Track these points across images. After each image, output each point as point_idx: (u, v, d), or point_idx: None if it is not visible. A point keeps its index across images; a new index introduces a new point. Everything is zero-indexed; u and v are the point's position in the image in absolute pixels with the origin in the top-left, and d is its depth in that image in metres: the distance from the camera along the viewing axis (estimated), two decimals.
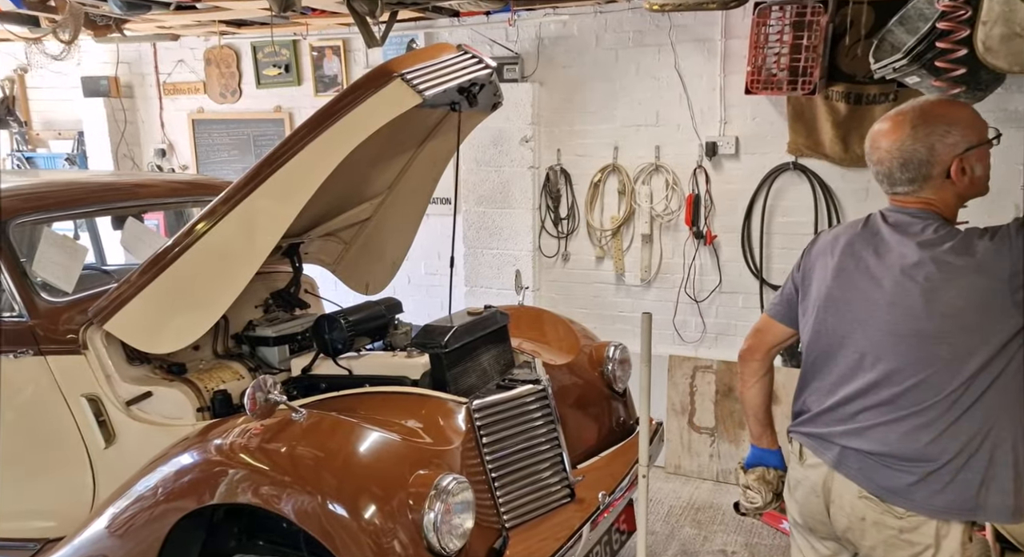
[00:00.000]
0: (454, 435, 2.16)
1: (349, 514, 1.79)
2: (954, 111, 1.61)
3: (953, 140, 1.58)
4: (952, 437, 1.54)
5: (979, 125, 1.61)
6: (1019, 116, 3.46)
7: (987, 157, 1.62)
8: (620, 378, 3.03)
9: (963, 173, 1.59)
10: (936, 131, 1.58)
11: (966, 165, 1.59)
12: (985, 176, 1.63)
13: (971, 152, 1.58)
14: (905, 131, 1.60)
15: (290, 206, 2.28)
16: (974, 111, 1.62)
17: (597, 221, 4.40)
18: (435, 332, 2.52)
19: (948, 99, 1.68)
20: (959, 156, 1.58)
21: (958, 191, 1.62)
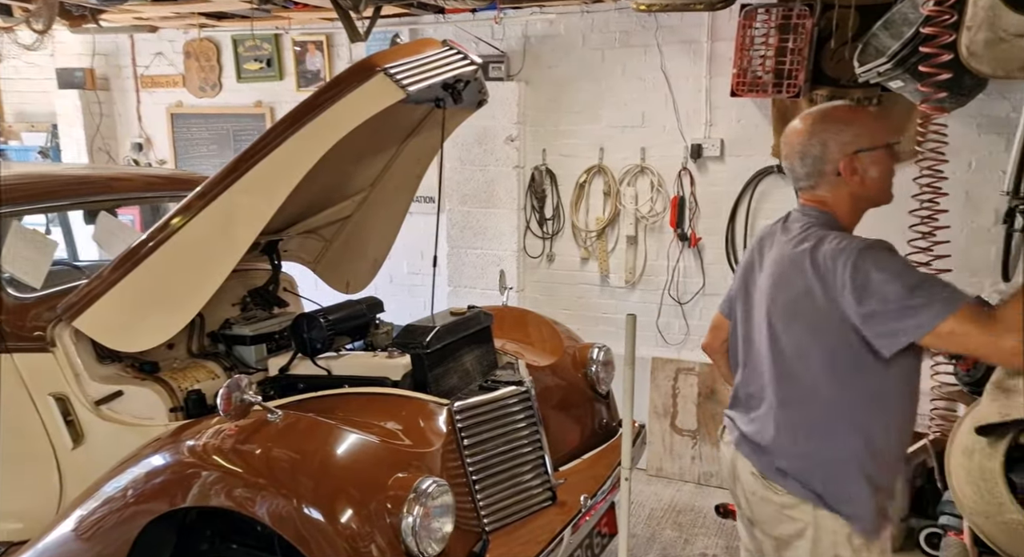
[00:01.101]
0: (435, 437, 2.12)
1: (325, 518, 1.74)
2: (853, 114, 1.69)
3: (845, 139, 1.64)
4: (807, 434, 1.66)
5: (876, 130, 1.66)
6: (1000, 122, 3.49)
7: (884, 163, 1.66)
8: (603, 380, 3.00)
9: (854, 173, 1.65)
10: (831, 129, 1.65)
11: (857, 165, 1.64)
12: (881, 181, 1.67)
13: (864, 154, 1.63)
14: (807, 129, 1.68)
15: (269, 202, 2.22)
16: (876, 117, 1.69)
17: (582, 222, 4.38)
18: (417, 332, 2.47)
19: (854, 105, 1.75)
20: (850, 155, 1.63)
21: (852, 191, 1.67)
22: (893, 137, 1.68)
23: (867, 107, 1.76)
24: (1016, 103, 3.35)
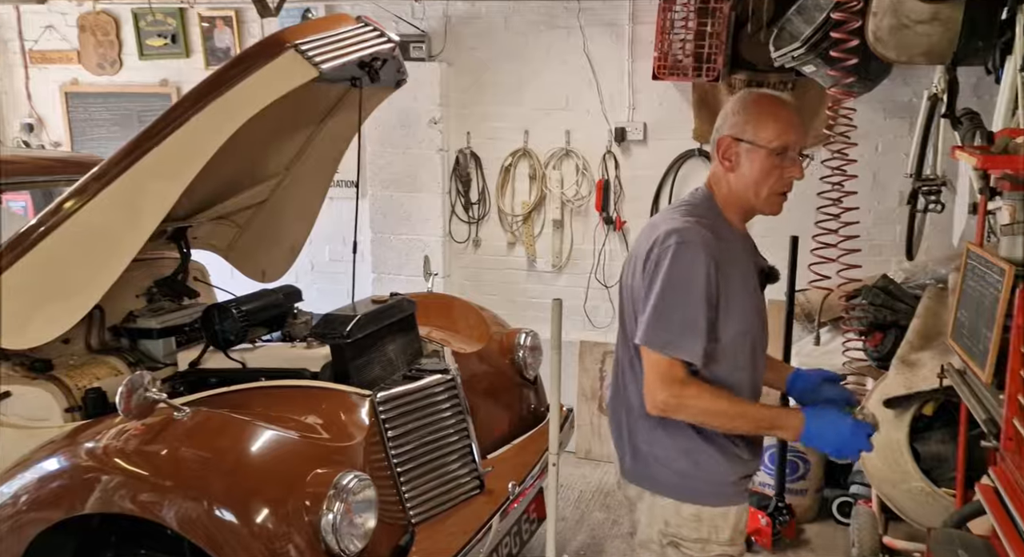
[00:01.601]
0: (356, 430, 2.04)
1: (239, 520, 1.65)
2: (765, 106, 1.59)
3: (736, 121, 1.59)
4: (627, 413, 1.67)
5: (774, 130, 1.55)
6: (904, 107, 3.64)
7: (760, 164, 1.56)
8: (531, 365, 2.98)
9: (726, 157, 1.59)
10: (735, 109, 1.60)
11: (732, 151, 1.58)
12: (752, 179, 1.57)
13: (744, 144, 1.56)
14: (727, 105, 1.66)
15: (173, 184, 2.09)
16: (788, 122, 1.57)
17: (508, 206, 4.33)
18: (337, 321, 2.38)
19: (783, 101, 1.62)
20: (730, 137, 1.58)
21: (728, 178, 1.60)
22: (786, 145, 1.55)
23: (792, 111, 1.62)
24: (917, 89, 3.50)
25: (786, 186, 1.58)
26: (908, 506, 2.62)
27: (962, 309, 2.10)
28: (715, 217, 1.60)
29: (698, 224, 1.53)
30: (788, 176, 1.56)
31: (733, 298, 1.54)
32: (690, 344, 1.48)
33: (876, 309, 2.94)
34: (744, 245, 1.66)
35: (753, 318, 1.61)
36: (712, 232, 1.53)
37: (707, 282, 1.48)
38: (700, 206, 1.61)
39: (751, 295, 1.61)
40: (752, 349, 1.61)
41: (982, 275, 1.95)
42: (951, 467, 2.46)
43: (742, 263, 1.61)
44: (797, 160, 1.57)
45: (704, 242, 1.50)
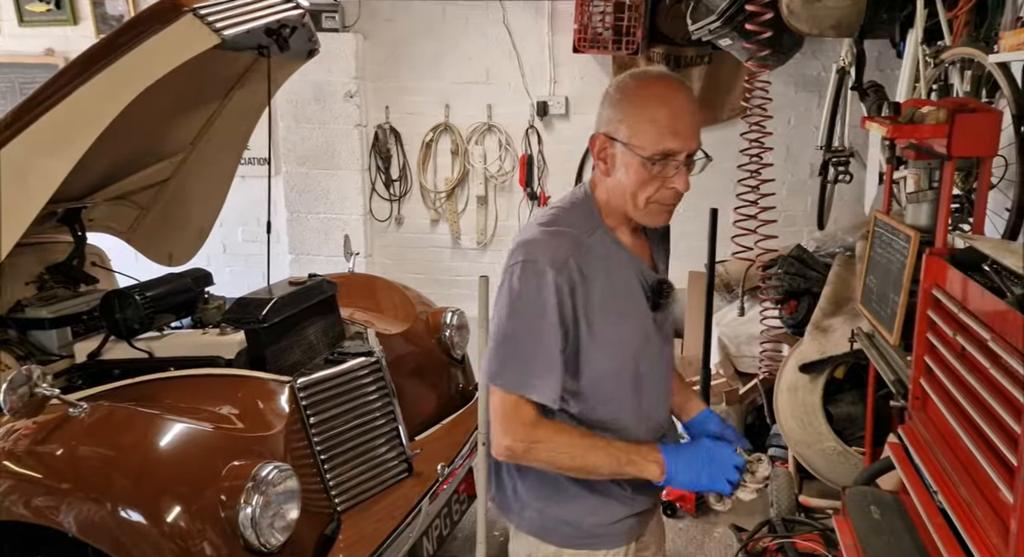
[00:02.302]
0: (276, 418, 1.94)
1: (147, 520, 1.54)
2: (634, 93, 1.26)
3: (613, 114, 1.27)
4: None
5: (644, 129, 1.23)
6: (814, 80, 3.75)
7: (637, 174, 1.26)
8: (458, 344, 2.93)
9: (602, 157, 1.30)
10: (616, 97, 1.27)
11: (606, 154, 1.28)
12: (628, 186, 1.27)
13: (616, 145, 1.26)
14: (611, 83, 1.34)
15: (60, 161, 1.91)
16: (655, 115, 1.23)
17: (431, 183, 4.24)
18: (251, 305, 2.25)
19: (677, 85, 1.28)
20: (604, 134, 1.28)
21: (606, 183, 1.31)
22: (667, 151, 1.24)
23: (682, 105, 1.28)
24: (826, 62, 3.61)
25: (669, 198, 1.28)
26: (822, 466, 2.74)
27: (870, 275, 2.18)
28: (589, 225, 1.31)
29: (556, 236, 1.27)
30: (670, 187, 1.26)
31: (601, 326, 1.28)
32: (541, 383, 1.25)
33: (790, 278, 3.04)
34: (627, 260, 1.33)
35: (636, 347, 1.33)
36: (576, 245, 1.27)
37: (558, 309, 1.23)
38: (574, 210, 1.33)
39: (632, 320, 1.33)
40: (635, 382, 1.34)
41: (889, 242, 2.02)
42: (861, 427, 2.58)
43: (620, 283, 1.31)
44: (682, 169, 1.26)
45: (555, 261, 1.23)
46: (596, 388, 1.32)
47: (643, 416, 1.38)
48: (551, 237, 1.27)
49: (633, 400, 1.36)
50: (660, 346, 1.39)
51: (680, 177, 1.27)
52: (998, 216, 1.95)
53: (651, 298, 1.34)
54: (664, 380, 1.43)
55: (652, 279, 1.35)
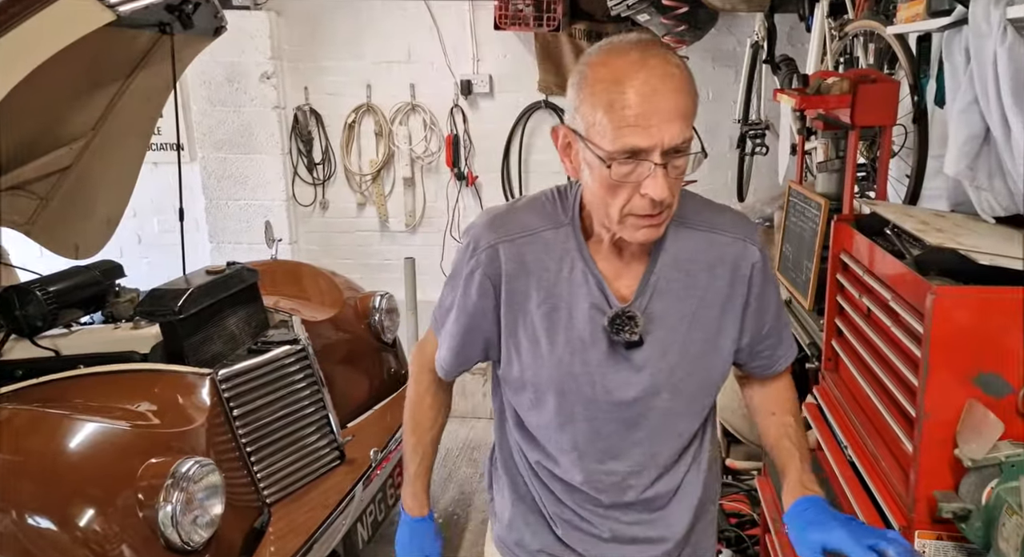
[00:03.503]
0: (196, 412, 1.88)
1: (57, 526, 1.46)
2: (595, 67, 0.97)
3: (569, 100, 1.01)
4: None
5: (600, 121, 0.94)
6: (729, 55, 3.83)
7: (599, 172, 0.98)
8: (388, 328, 2.89)
9: (566, 154, 1.05)
10: (572, 76, 1.01)
11: (571, 150, 1.03)
12: (596, 193, 1.01)
13: (579, 142, 1.00)
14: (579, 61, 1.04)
15: None
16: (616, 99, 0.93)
17: (355, 165, 4.15)
18: (166, 297, 2.16)
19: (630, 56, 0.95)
20: (566, 126, 1.03)
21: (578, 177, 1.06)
22: (633, 148, 0.94)
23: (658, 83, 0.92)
24: (741, 38, 3.69)
25: (644, 208, 0.98)
26: (746, 429, 2.84)
27: (786, 243, 2.26)
28: (559, 219, 1.10)
29: (509, 216, 1.12)
30: (644, 194, 0.96)
31: (522, 336, 1.11)
32: (441, 347, 1.22)
33: None
34: (583, 273, 1.08)
35: (562, 378, 1.10)
36: (524, 233, 1.09)
37: (470, 294, 1.12)
38: (556, 198, 1.13)
39: (565, 345, 1.09)
40: (561, 418, 1.13)
41: (802, 211, 2.09)
42: None
43: (564, 295, 1.09)
44: (658, 171, 0.94)
45: (485, 242, 1.09)
46: (516, 396, 1.18)
47: (581, 464, 1.15)
48: (502, 217, 1.13)
49: (558, 435, 1.15)
50: (627, 391, 1.10)
51: (654, 181, 0.95)
52: (900, 183, 2.04)
53: (606, 328, 1.07)
54: (642, 435, 1.14)
55: (615, 307, 1.07)
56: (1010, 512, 1.01)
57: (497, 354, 1.16)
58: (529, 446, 1.21)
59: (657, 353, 1.10)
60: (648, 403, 1.12)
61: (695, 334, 1.12)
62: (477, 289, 1.12)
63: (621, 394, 1.11)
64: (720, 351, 1.15)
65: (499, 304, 1.11)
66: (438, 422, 1.33)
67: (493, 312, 1.12)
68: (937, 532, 1.21)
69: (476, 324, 1.14)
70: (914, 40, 1.87)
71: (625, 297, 1.10)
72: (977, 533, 1.11)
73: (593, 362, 1.10)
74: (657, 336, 1.10)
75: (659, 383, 1.11)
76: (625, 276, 1.11)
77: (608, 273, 1.10)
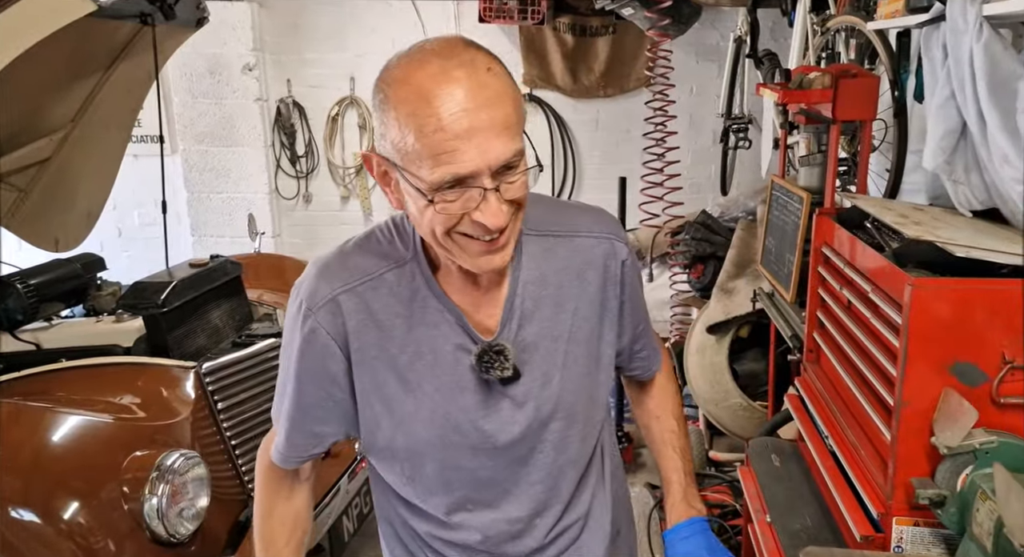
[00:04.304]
0: (181, 405, 1.87)
1: (42, 519, 1.46)
2: (397, 85, 0.82)
3: (376, 121, 0.86)
4: None
5: (411, 141, 0.80)
6: (713, 50, 3.86)
7: (422, 205, 0.84)
8: None
9: (387, 186, 0.90)
10: (374, 97, 0.86)
11: (388, 178, 0.88)
12: (423, 224, 0.86)
13: (395, 169, 0.85)
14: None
15: None
16: (426, 123, 0.79)
17: (339, 158, 4.13)
18: (149, 290, 2.15)
19: (455, 55, 0.82)
20: (373, 151, 0.89)
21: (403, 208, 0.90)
22: (457, 175, 0.80)
23: (480, 80, 0.80)
24: (724, 32, 3.71)
25: (479, 232, 0.84)
26: (729, 421, 2.88)
27: (769, 237, 2.29)
28: (399, 254, 0.96)
29: (339, 264, 0.96)
30: (478, 220, 0.83)
31: (390, 405, 0.96)
32: (279, 439, 1.04)
33: (697, 243, 3.15)
34: (439, 309, 0.95)
35: (436, 429, 0.97)
36: (363, 279, 0.94)
37: (305, 361, 0.96)
38: (393, 233, 0.98)
39: (433, 392, 0.96)
40: (442, 475, 1.01)
41: (784, 204, 2.11)
42: (764, 383, 2.72)
43: (423, 338, 0.95)
44: (489, 196, 0.81)
45: (317, 299, 0.94)
46: (387, 470, 1.03)
47: (478, 522, 1.03)
48: (334, 264, 0.96)
49: (445, 498, 1.02)
50: (512, 430, 0.98)
51: (487, 208, 0.82)
52: (880, 177, 2.07)
53: (474, 367, 0.95)
54: (539, 473, 1.03)
55: (480, 343, 0.95)
56: (983, 498, 1.04)
57: (357, 427, 0.99)
58: (415, 517, 1.06)
59: (538, 384, 0.99)
60: (537, 437, 1.01)
61: (575, 351, 1.01)
62: (321, 352, 0.94)
63: (506, 435, 0.99)
64: (603, 361, 1.06)
65: (349, 367, 0.95)
66: (295, 536, 1.09)
67: (345, 376, 0.95)
68: (914, 518, 1.24)
69: (325, 395, 0.96)
70: (894, 36, 1.89)
71: (490, 329, 0.97)
72: (952, 518, 1.14)
73: (470, 407, 0.97)
74: (534, 364, 0.98)
75: (546, 414, 1.00)
76: (485, 305, 0.97)
77: (465, 306, 0.96)
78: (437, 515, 1.04)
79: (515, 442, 1.00)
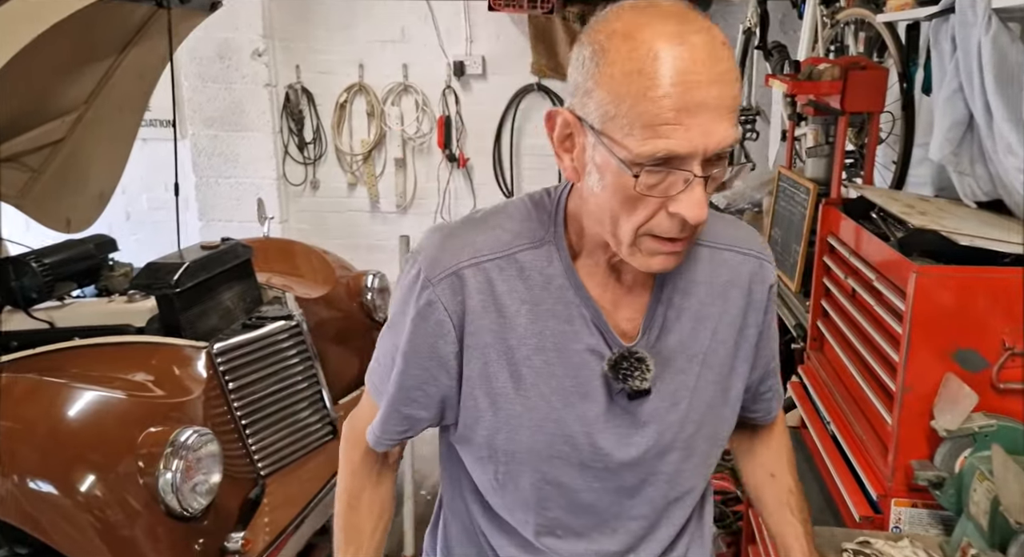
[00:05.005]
0: (193, 384, 1.90)
1: (59, 491, 1.49)
2: (629, 38, 0.70)
3: (575, 79, 0.76)
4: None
5: (632, 102, 0.69)
6: None
7: (615, 180, 0.73)
8: (380, 307, 2.92)
9: (566, 148, 0.78)
10: (579, 47, 0.76)
11: (571, 143, 0.77)
12: (604, 203, 0.76)
13: (587, 132, 0.75)
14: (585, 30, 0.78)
15: None
16: (659, 78, 0.68)
17: (346, 145, 4.15)
18: (162, 270, 2.18)
19: (692, 19, 0.72)
20: (573, 112, 0.76)
21: (579, 189, 0.82)
22: (675, 152, 0.70)
23: (720, 52, 0.69)
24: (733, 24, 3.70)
25: (671, 230, 0.75)
26: None
27: (775, 228, 2.31)
28: (537, 234, 0.85)
29: (470, 233, 0.85)
30: (675, 213, 0.73)
31: (494, 384, 0.85)
32: (380, 401, 0.92)
33: None
34: (577, 303, 0.84)
35: (546, 440, 0.86)
36: (496, 254, 0.83)
37: (417, 340, 0.85)
38: (530, 208, 0.87)
39: (553, 396, 0.85)
40: (537, 492, 0.89)
41: (791, 195, 2.14)
42: None
43: (551, 333, 0.84)
44: (696, 184, 0.72)
45: (438, 270, 0.83)
46: (479, 470, 0.92)
47: (563, 548, 0.93)
48: (461, 233, 0.86)
49: (535, 516, 0.91)
50: (628, 451, 0.87)
51: (690, 197, 0.72)
52: (887, 169, 2.09)
53: (607, 375, 0.84)
54: (643, 507, 0.92)
55: (617, 348, 0.85)
56: (981, 478, 1.07)
57: (455, 415, 0.89)
58: (496, 531, 0.95)
59: (666, 404, 0.87)
60: (652, 467, 0.89)
61: (708, 376, 0.89)
62: (433, 330, 0.83)
63: (622, 455, 0.87)
64: (731, 394, 0.93)
65: (461, 349, 0.84)
66: (381, 524, 1.00)
67: (454, 360, 0.85)
68: (912, 500, 1.27)
69: (429, 377, 0.86)
70: (903, 29, 1.91)
71: (627, 333, 0.86)
72: (950, 499, 1.17)
73: (590, 418, 0.86)
74: (665, 382, 0.86)
75: (667, 441, 0.88)
76: (625, 306, 0.86)
77: (604, 304, 0.85)
78: (524, 533, 0.93)
79: (630, 465, 0.88)
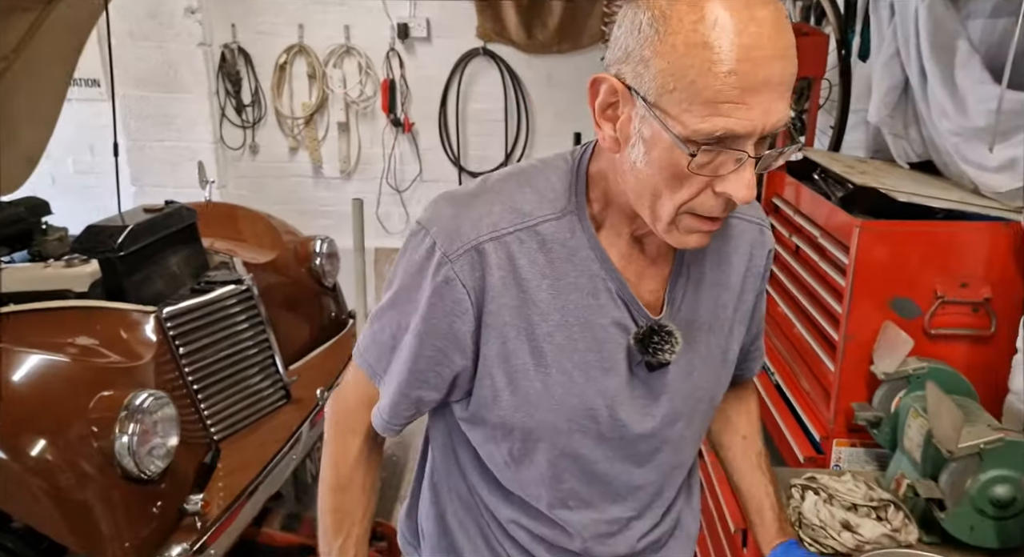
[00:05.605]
0: (144, 348, 1.85)
1: (9, 456, 1.45)
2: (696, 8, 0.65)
3: (626, 45, 0.69)
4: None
5: (694, 77, 0.65)
6: None
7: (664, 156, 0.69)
8: (329, 273, 2.89)
9: (607, 120, 0.73)
10: (632, 9, 0.69)
11: (616, 113, 0.72)
12: (647, 178, 0.72)
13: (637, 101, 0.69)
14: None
15: None
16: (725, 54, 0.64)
17: (287, 108, 4.04)
18: (104, 233, 2.09)
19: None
20: (624, 81, 0.70)
21: (613, 161, 0.76)
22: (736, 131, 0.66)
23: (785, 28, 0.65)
24: None
25: (714, 209, 0.72)
26: None
27: None
28: (559, 204, 0.80)
29: (488, 203, 0.80)
30: (721, 193, 0.71)
31: (514, 362, 0.81)
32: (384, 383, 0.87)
33: None
34: (603, 275, 0.81)
35: (569, 416, 0.84)
36: (516, 226, 0.78)
37: (432, 318, 0.80)
38: (548, 174, 0.82)
39: (576, 371, 0.82)
40: (553, 468, 0.87)
41: None
42: None
43: (575, 306, 0.80)
44: (747, 164, 0.69)
45: (456, 242, 0.77)
46: (492, 446, 0.88)
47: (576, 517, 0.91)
48: (477, 200, 0.80)
49: (548, 491, 0.89)
50: (644, 424, 0.86)
51: (739, 178, 0.69)
52: (824, 134, 2.19)
53: (633, 349, 0.82)
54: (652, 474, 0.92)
55: (644, 321, 0.82)
56: (915, 415, 1.17)
57: (464, 393, 0.85)
58: (500, 502, 0.92)
59: (682, 374, 0.86)
60: (664, 435, 0.89)
61: (712, 341, 0.89)
62: (450, 309, 0.78)
63: (639, 427, 0.86)
64: (728, 358, 0.93)
65: (479, 328, 0.80)
66: (370, 507, 0.98)
67: (471, 339, 0.80)
68: (852, 440, 1.38)
69: (442, 358, 0.82)
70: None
71: (651, 305, 0.83)
72: (886, 437, 1.27)
73: (612, 391, 0.83)
74: (682, 353, 0.83)
75: (677, 410, 0.88)
76: (648, 278, 0.84)
77: (630, 275, 0.82)
78: (537, 506, 0.90)
79: (643, 437, 0.87)
